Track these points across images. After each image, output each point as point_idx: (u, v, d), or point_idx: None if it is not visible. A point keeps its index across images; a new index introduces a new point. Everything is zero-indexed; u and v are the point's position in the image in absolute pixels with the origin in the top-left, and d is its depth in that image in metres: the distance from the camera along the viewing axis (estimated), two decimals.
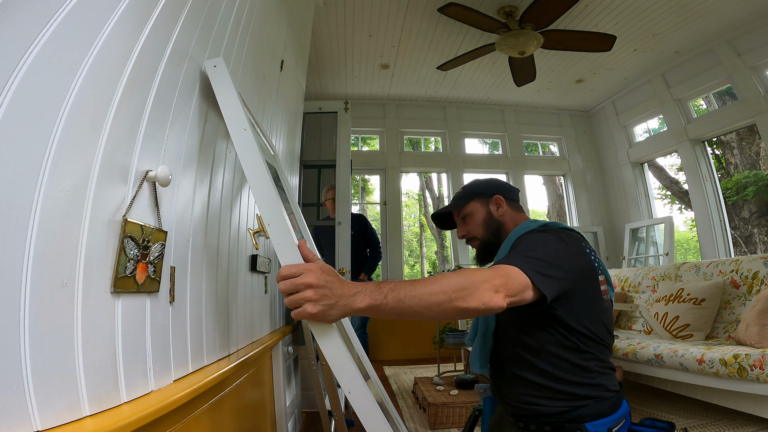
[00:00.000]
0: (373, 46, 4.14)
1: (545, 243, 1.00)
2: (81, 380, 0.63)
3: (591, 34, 3.45)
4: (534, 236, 1.05)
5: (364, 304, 0.76)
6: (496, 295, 0.82)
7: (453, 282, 0.80)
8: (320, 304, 0.74)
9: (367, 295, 0.76)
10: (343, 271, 3.05)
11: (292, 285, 0.75)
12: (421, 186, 11.00)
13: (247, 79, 1.54)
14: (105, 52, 0.70)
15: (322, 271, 0.76)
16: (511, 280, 0.86)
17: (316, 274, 0.75)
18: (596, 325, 1.00)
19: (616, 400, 1.00)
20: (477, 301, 0.80)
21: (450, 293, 0.79)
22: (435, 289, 0.79)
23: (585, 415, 0.95)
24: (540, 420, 0.99)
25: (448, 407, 2.39)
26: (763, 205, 7.10)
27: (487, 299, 0.80)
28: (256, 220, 1.68)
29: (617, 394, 1.01)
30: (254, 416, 1.45)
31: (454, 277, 0.82)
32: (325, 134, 3.50)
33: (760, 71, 3.90)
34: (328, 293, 0.74)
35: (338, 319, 0.79)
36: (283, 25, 2.16)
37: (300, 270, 0.75)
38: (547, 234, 1.05)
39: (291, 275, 0.75)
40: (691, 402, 2.54)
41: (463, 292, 0.80)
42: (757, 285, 2.62)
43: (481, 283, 0.81)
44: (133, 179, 0.79)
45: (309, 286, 0.74)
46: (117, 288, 0.72)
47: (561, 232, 1.06)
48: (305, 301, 0.74)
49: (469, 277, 0.82)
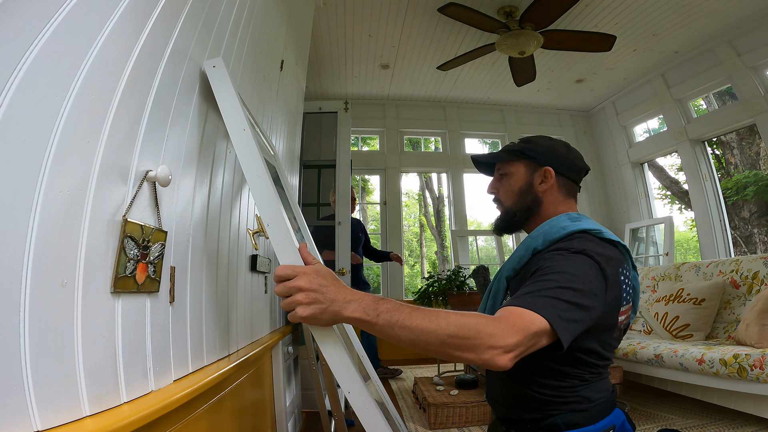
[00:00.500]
0: (373, 46, 4.14)
1: (583, 276, 0.82)
2: (81, 380, 0.63)
3: (591, 34, 3.45)
4: (569, 262, 0.85)
5: (354, 315, 0.72)
6: (504, 356, 0.70)
7: (452, 326, 0.71)
8: (311, 307, 0.72)
9: (359, 307, 0.72)
10: (343, 271, 3.05)
11: (285, 288, 0.74)
12: (421, 186, 11.01)
13: (246, 79, 1.54)
14: (105, 52, 0.70)
15: (317, 274, 0.74)
16: (527, 337, 0.72)
17: (309, 278, 0.73)
18: (593, 350, 0.89)
19: (599, 410, 0.91)
20: (475, 356, 0.70)
21: (444, 338, 0.70)
22: (429, 328, 0.71)
23: (559, 423, 0.88)
24: (518, 425, 0.96)
25: (448, 407, 2.39)
26: (763, 205, 7.10)
27: (488, 358, 0.70)
28: (255, 221, 1.68)
29: (600, 405, 0.91)
30: (254, 416, 1.45)
31: (456, 319, 0.72)
32: (325, 134, 3.50)
33: (760, 71, 3.90)
34: (320, 297, 0.72)
35: (330, 324, 0.76)
36: (283, 25, 2.16)
37: (294, 272, 0.74)
38: (585, 260, 0.85)
39: (285, 277, 0.74)
40: (691, 402, 2.54)
41: (462, 340, 0.70)
42: (757, 285, 2.62)
43: (488, 337, 0.70)
44: (133, 179, 0.79)
45: (300, 290, 0.72)
46: (117, 288, 0.72)
47: (602, 256, 0.86)
48: (297, 304, 0.72)
49: (475, 325, 0.71)
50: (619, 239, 0.95)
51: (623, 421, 0.94)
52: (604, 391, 0.94)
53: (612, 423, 0.91)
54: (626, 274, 0.92)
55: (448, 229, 5.72)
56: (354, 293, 0.74)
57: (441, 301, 3.59)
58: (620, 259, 0.92)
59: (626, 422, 0.95)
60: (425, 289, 3.68)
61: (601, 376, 0.93)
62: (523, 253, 0.99)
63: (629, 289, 0.93)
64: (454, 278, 3.48)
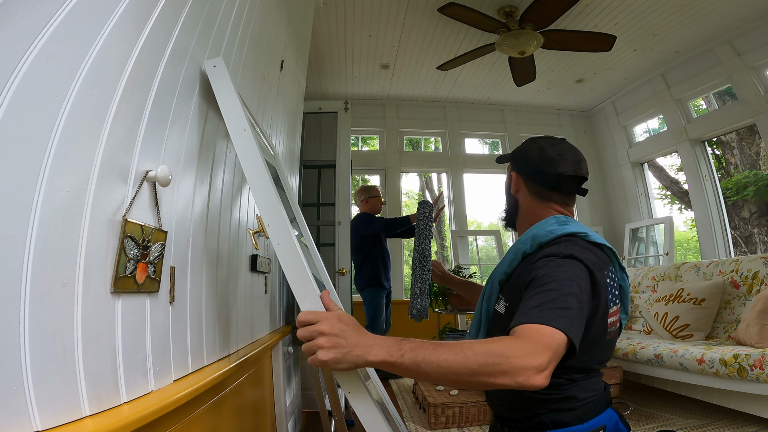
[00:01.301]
0: (373, 46, 4.14)
1: (577, 279, 0.85)
2: (81, 380, 0.63)
3: (591, 34, 3.45)
4: (562, 268, 0.87)
5: (378, 358, 0.73)
6: (539, 376, 0.71)
7: (480, 354, 0.71)
8: (332, 351, 0.73)
9: (383, 350, 0.74)
10: (343, 271, 3.05)
11: (307, 332, 0.76)
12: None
13: (247, 79, 1.54)
14: (105, 52, 0.70)
15: (339, 320, 0.76)
16: (555, 353, 0.74)
17: (331, 322, 0.75)
18: (584, 358, 0.89)
19: (588, 409, 0.91)
20: (510, 379, 0.70)
21: (475, 367, 0.71)
22: (457, 360, 0.71)
23: (546, 422, 0.90)
24: (511, 423, 0.98)
25: (448, 407, 2.39)
26: (763, 205, 7.10)
27: (522, 380, 0.70)
28: (256, 220, 1.68)
29: (589, 405, 0.91)
30: (254, 416, 1.45)
31: (482, 347, 0.72)
32: (325, 134, 3.50)
33: (760, 71, 3.90)
34: (341, 342, 0.74)
35: (350, 369, 0.77)
36: (283, 25, 2.16)
37: (316, 318, 0.77)
38: (575, 264, 0.88)
39: (308, 322, 0.77)
40: (691, 402, 2.54)
41: (493, 367, 0.70)
42: (757, 285, 2.62)
43: (517, 359, 0.71)
44: (133, 179, 0.79)
45: (322, 334, 0.74)
46: (117, 288, 0.72)
47: (590, 260, 0.89)
48: (318, 348, 0.74)
49: (501, 350, 0.72)
50: (605, 242, 0.97)
51: (616, 421, 0.93)
52: (593, 390, 0.94)
53: (602, 423, 0.91)
54: (612, 276, 0.94)
55: (448, 229, 5.72)
56: (375, 338, 0.76)
57: (441, 301, 3.59)
58: (606, 262, 0.94)
59: (619, 422, 0.94)
60: None
61: (588, 375, 0.93)
62: (513, 257, 1.01)
63: (615, 291, 0.95)
64: None
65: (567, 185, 1.05)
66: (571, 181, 1.05)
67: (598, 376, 0.97)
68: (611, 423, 0.93)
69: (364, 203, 3.77)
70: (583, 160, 1.06)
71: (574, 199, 1.10)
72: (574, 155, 1.06)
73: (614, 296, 0.94)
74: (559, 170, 1.04)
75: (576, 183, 1.05)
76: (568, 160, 1.05)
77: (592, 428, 0.89)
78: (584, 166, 1.06)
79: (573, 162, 1.04)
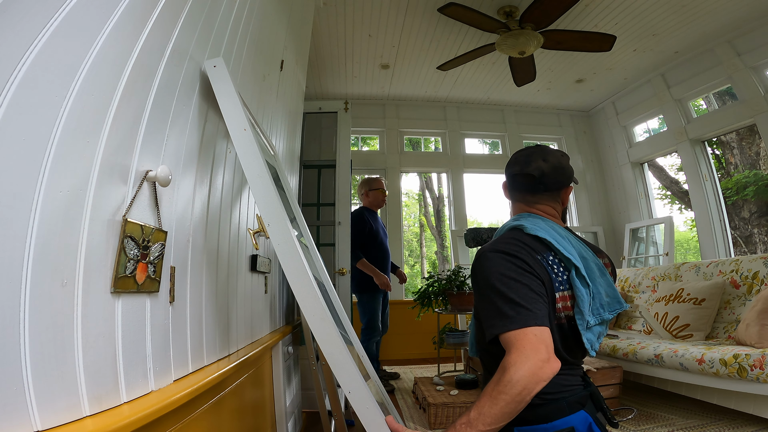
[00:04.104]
0: (373, 46, 4.14)
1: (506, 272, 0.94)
2: (81, 380, 0.63)
3: (591, 34, 3.45)
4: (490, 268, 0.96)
5: None
6: (547, 365, 0.83)
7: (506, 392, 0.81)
8: None
9: None
10: (343, 271, 3.05)
11: None
12: (421, 186, 11.00)
13: (247, 79, 1.54)
14: (105, 52, 0.70)
15: None
16: (543, 342, 0.85)
17: None
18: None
19: (555, 408, 0.93)
20: (538, 386, 0.81)
21: (516, 399, 0.81)
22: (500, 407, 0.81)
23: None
24: None
25: (448, 407, 2.39)
26: (763, 205, 7.10)
27: (542, 377, 0.82)
28: (256, 220, 1.68)
29: (556, 404, 0.93)
30: (254, 416, 1.45)
31: (500, 385, 0.82)
32: (325, 134, 3.49)
33: (760, 71, 3.90)
34: None
35: None
36: (283, 25, 2.16)
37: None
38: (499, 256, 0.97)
39: None
40: (691, 402, 2.54)
41: (522, 390, 0.80)
42: (757, 285, 2.62)
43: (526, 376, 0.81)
44: (133, 179, 0.79)
45: None
46: (117, 288, 0.72)
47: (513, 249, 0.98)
48: None
49: (513, 375, 0.81)
50: (547, 236, 1.02)
51: (589, 423, 0.93)
52: (561, 387, 0.95)
53: (570, 424, 0.91)
54: (549, 261, 1.00)
55: (448, 229, 5.72)
56: None
57: (441, 301, 3.59)
58: (540, 249, 1.01)
59: (594, 425, 0.93)
60: (425, 289, 3.67)
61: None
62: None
63: (561, 278, 0.99)
64: (454, 278, 3.47)
65: (521, 183, 1.13)
66: (523, 179, 1.12)
67: (565, 375, 0.97)
68: (582, 425, 0.92)
69: (364, 196, 3.68)
70: (536, 159, 1.11)
71: (544, 197, 1.13)
72: (527, 156, 1.13)
73: (560, 282, 0.99)
74: (511, 170, 1.15)
75: (528, 180, 1.11)
76: (519, 160, 1.13)
77: (555, 429, 0.91)
78: (535, 164, 1.10)
79: (522, 162, 1.12)
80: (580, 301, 0.98)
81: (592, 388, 1.02)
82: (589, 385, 1.03)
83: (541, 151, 1.13)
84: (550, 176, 1.10)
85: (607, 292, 1.03)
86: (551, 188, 1.11)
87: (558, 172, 1.11)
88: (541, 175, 1.09)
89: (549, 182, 1.10)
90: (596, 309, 1.00)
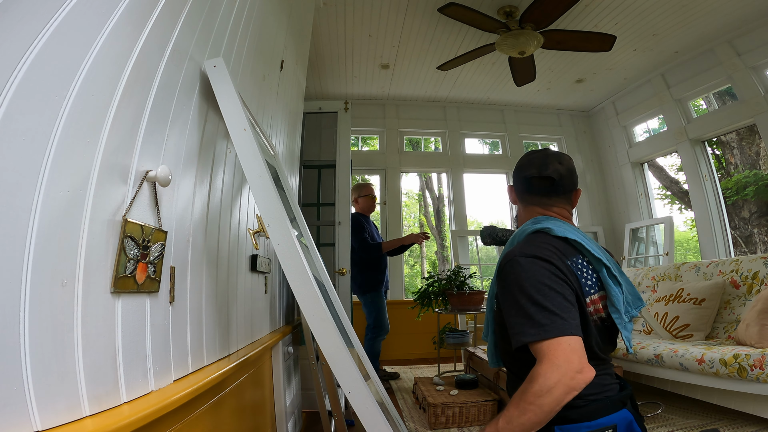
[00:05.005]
0: (373, 46, 4.14)
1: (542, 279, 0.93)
2: (81, 380, 0.63)
3: (591, 34, 3.45)
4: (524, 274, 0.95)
5: None
6: (580, 375, 0.83)
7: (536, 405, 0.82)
8: None
9: None
10: (343, 271, 3.05)
11: None
12: (421, 186, 11.00)
13: (247, 79, 1.54)
14: (105, 52, 0.70)
15: None
16: (575, 352, 0.85)
17: None
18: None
19: (596, 408, 0.94)
20: (568, 396, 0.83)
21: (545, 406, 0.82)
22: (529, 417, 0.83)
23: (553, 418, 0.92)
24: None
25: (448, 407, 2.39)
26: (763, 205, 7.10)
27: (577, 384, 0.83)
28: (256, 220, 1.68)
29: (596, 403, 0.94)
30: (254, 416, 1.45)
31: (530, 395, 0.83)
32: (325, 134, 3.49)
33: (760, 71, 3.89)
34: None
35: None
36: (283, 25, 2.16)
37: None
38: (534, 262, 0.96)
39: None
40: (691, 402, 2.54)
41: (553, 398, 0.82)
42: (757, 285, 2.62)
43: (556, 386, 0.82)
44: (133, 179, 0.79)
45: None
46: (117, 288, 0.72)
47: (545, 253, 0.97)
48: None
49: (543, 383, 0.82)
50: (569, 235, 1.02)
51: (630, 421, 0.95)
52: (600, 387, 0.96)
53: (613, 422, 0.93)
54: (579, 263, 1.00)
55: (448, 229, 5.72)
56: None
57: (441, 301, 3.59)
58: (569, 251, 1.01)
59: (634, 424, 0.95)
60: (425, 289, 3.67)
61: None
62: (499, 259, 1.08)
63: (590, 281, 1.00)
64: (454, 278, 3.47)
65: (538, 187, 1.13)
66: (541, 182, 1.12)
67: (602, 373, 0.99)
68: (623, 423, 0.94)
69: (355, 203, 3.75)
70: (552, 162, 1.12)
71: (560, 200, 1.14)
72: (542, 159, 1.14)
73: (589, 285, 0.99)
74: (526, 174, 1.15)
75: (547, 183, 1.12)
76: (535, 163, 1.14)
77: (599, 427, 0.91)
78: (552, 166, 1.11)
79: (539, 165, 1.13)
80: (616, 300, 0.99)
81: (630, 389, 1.04)
82: (626, 384, 1.05)
83: (555, 155, 1.15)
84: (566, 178, 1.12)
85: (629, 290, 1.05)
86: (567, 191, 1.14)
87: (572, 174, 1.14)
88: (560, 177, 1.11)
89: (566, 184, 1.12)
90: (627, 308, 1.02)
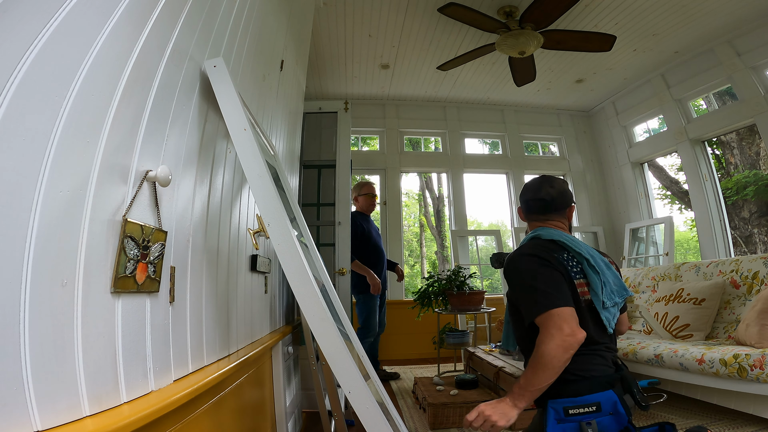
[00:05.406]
0: (373, 46, 4.14)
1: (533, 268, 1.24)
2: (81, 380, 0.63)
3: (591, 34, 3.45)
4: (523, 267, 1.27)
5: (520, 407, 1.12)
6: (572, 338, 1.10)
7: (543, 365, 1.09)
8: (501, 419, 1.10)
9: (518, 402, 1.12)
10: (343, 271, 3.05)
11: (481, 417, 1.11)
12: (421, 186, 10.99)
13: (247, 79, 1.54)
14: (105, 52, 0.70)
15: (488, 405, 1.13)
16: (568, 320, 1.12)
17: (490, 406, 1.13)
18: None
19: (584, 386, 1.14)
20: (568, 354, 1.09)
21: (548, 364, 1.09)
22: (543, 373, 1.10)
23: (548, 391, 1.13)
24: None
25: (448, 407, 2.39)
26: (763, 205, 7.10)
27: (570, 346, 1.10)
28: (256, 220, 1.68)
29: (586, 383, 1.14)
30: (254, 416, 1.45)
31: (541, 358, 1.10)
32: (325, 134, 3.49)
33: (760, 71, 3.89)
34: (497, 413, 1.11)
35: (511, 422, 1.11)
36: (283, 25, 2.16)
37: (478, 410, 1.13)
38: (528, 258, 1.27)
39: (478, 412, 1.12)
40: (691, 402, 2.54)
41: (555, 358, 1.09)
42: (757, 285, 2.62)
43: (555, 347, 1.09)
44: (133, 179, 0.79)
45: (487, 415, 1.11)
46: (117, 288, 0.72)
47: (536, 252, 1.28)
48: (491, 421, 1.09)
49: (547, 350, 1.09)
50: (560, 238, 1.32)
51: (614, 402, 1.12)
52: (589, 368, 1.18)
53: (596, 400, 1.11)
54: (566, 258, 1.28)
55: (448, 229, 5.72)
56: (505, 402, 1.13)
57: (441, 301, 3.59)
58: (557, 249, 1.30)
59: (618, 405, 1.11)
60: (425, 289, 3.67)
61: (580, 353, 1.14)
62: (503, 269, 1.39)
63: (575, 268, 1.27)
64: (454, 278, 3.48)
65: (534, 207, 1.44)
66: (536, 203, 1.43)
67: (592, 355, 1.20)
68: (608, 402, 1.11)
69: (355, 201, 3.71)
70: (545, 187, 1.42)
71: (555, 215, 1.42)
72: (537, 184, 1.44)
73: (575, 273, 1.26)
74: (525, 197, 1.47)
75: (541, 204, 1.42)
76: (532, 188, 1.45)
77: (584, 403, 1.11)
78: (545, 191, 1.41)
79: (534, 190, 1.44)
80: (594, 285, 1.25)
81: (624, 372, 1.23)
82: (620, 369, 1.25)
83: (548, 180, 1.44)
84: (558, 199, 1.40)
85: (614, 281, 1.29)
86: (561, 208, 1.41)
87: (563, 195, 1.42)
88: (552, 198, 1.40)
89: (558, 204, 1.40)
90: (609, 294, 1.25)
